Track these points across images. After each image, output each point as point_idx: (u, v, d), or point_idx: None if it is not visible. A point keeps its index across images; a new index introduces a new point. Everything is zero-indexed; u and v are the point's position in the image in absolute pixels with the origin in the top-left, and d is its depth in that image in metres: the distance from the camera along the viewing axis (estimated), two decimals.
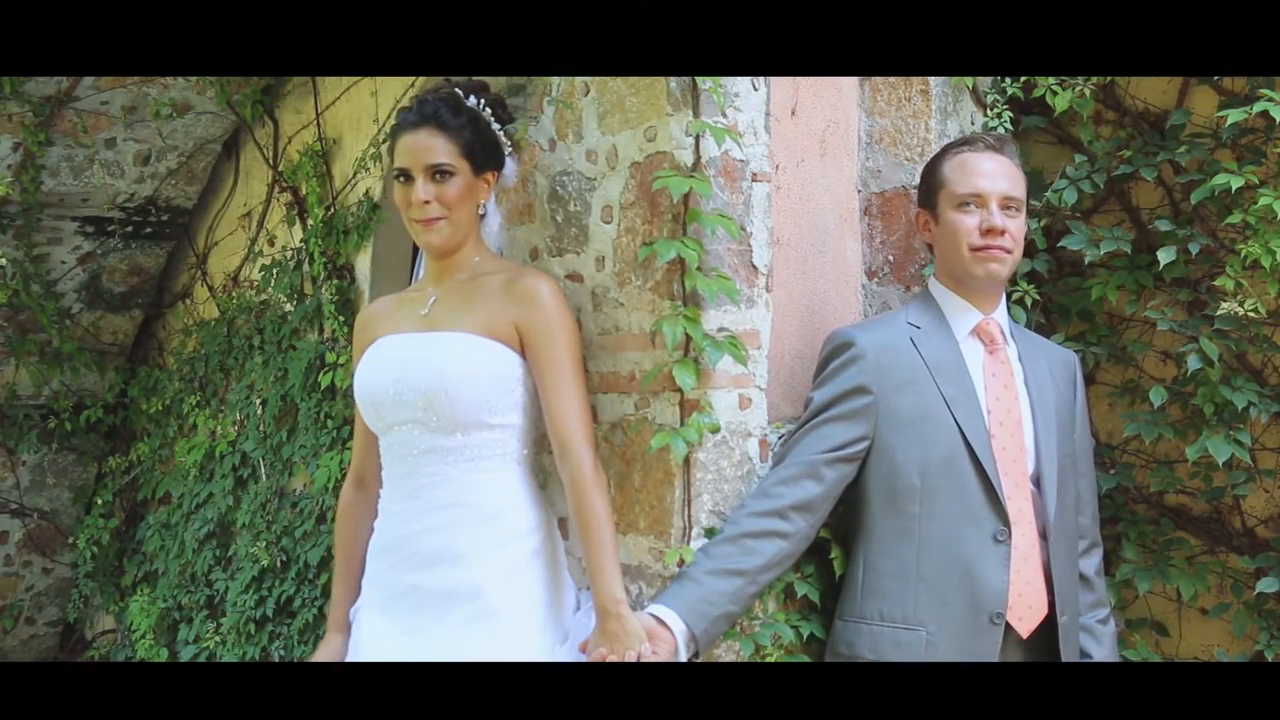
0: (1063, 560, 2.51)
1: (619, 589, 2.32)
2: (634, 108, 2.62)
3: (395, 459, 2.51)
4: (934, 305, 2.60)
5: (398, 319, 2.57)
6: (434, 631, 2.40)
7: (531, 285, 2.48)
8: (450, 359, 2.44)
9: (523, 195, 2.91)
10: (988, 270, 2.52)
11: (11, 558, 6.04)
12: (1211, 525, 3.00)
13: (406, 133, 2.48)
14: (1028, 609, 2.44)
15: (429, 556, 2.44)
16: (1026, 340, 2.65)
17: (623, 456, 2.65)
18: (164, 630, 5.11)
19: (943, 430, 2.47)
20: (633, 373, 2.64)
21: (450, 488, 2.45)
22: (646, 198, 2.60)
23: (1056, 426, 2.55)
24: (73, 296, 5.63)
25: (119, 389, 5.90)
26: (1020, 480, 2.48)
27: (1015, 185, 2.55)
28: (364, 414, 2.56)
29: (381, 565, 2.53)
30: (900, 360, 2.51)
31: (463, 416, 2.43)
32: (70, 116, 4.96)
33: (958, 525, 2.45)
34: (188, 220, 5.62)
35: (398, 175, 2.49)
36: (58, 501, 6.07)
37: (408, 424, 2.46)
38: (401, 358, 2.48)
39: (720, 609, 2.39)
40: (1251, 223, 2.69)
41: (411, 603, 2.45)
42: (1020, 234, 2.56)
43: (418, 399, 2.43)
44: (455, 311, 2.50)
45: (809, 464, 2.48)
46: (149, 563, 5.43)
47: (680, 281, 2.54)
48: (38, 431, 5.85)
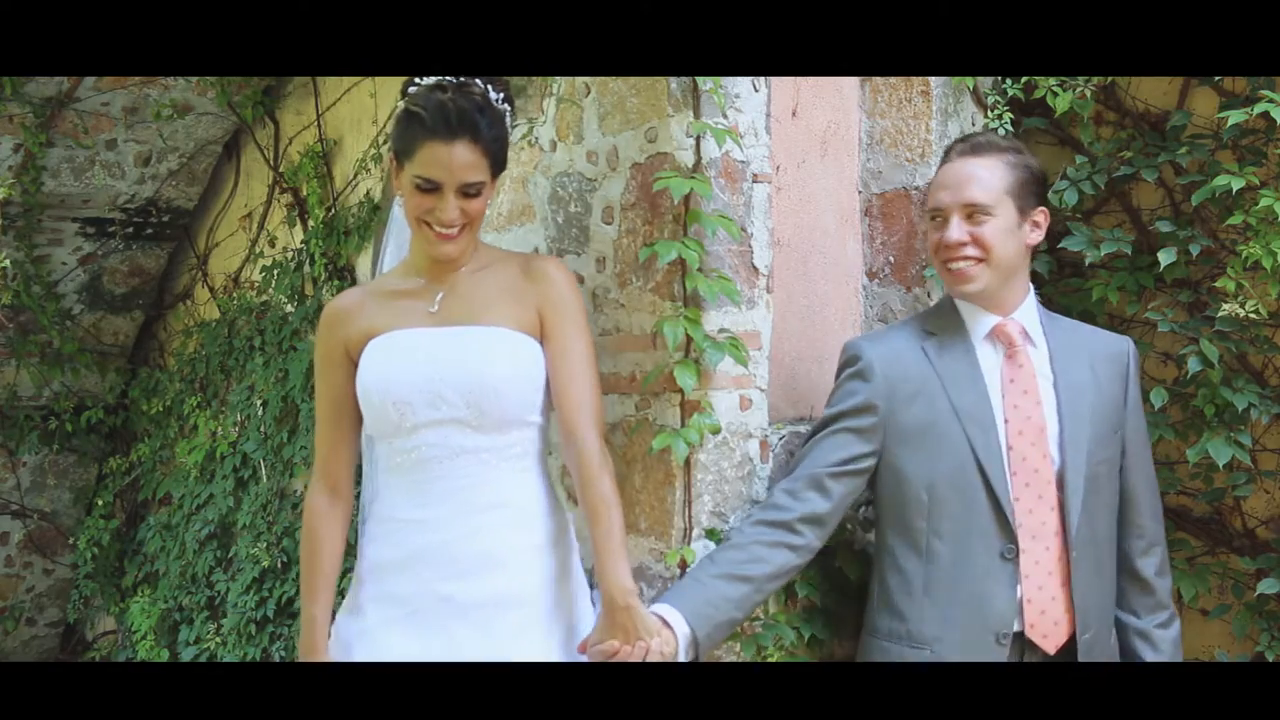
0: (1087, 573, 2.40)
1: (629, 578, 2.22)
2: (635, 108, 2.62)
3: (418, 462, 2.32)
4: (952, 310, 2.51)
5: (394, 315, 2.38)
6: (479, 646, 2.26)
7: (547, 267, 2.39)
8: (498, 355, 2.31)
9: (523, 195, 2.91)
10: (957, 285, 2.44)
11: (12, 559, 6.04)
12: (1212, 526, 3.00)
13: (438, 142, 2.25)
14: (1052, 626, 2.38)
15: (469, 564, 2.29)
16: (1065, 335, 2.52)
17: (623, 457, 2.65)
18: (165, 631, 5.11)
19: (951, 443, 2.41)
20: (633, 374, 2.64)
21: (489, 489, 2.32)
22: (647, 199, 2.60)
23: (1090, 429, 2.42)
24: (73, 297, 5.63)
25: (120, 390, 5.90)
26: (1045, 490, 2.39)
27: (985, 189, 2.41)
28: (378, 415, 2.34)
29: (401, 579, 2.33)
30: (910, 371, 2.45)
31: (510, 414, 2.31)
32: (71, 117, 4.97)
33: (966, 541, 2.39)
34: (188, 221, 5.62)
35: (422, 184, 2.27)
36: (58, 502, 6.07)
37: (443, 424, 2.30)
38: (433, 355, 2.31)
39: (725, 614, 2.35)
40: (1252, 224, 2.69)
41: (445, 616, 2.28)
42: (996, 235, 2.41)
43: (460, 397, 2.28)
44: (476, 306, 2.36)
45: (814, 477, 2.44)
46: (150, 564, 5.43)
47: (681, 282, 2.54)
48: (38, 432, 5.85)
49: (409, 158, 2.28)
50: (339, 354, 2.40)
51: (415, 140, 2.27)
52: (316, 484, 2.44)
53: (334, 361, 2.41)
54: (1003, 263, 2.43)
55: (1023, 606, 2.37)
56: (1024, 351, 2.46)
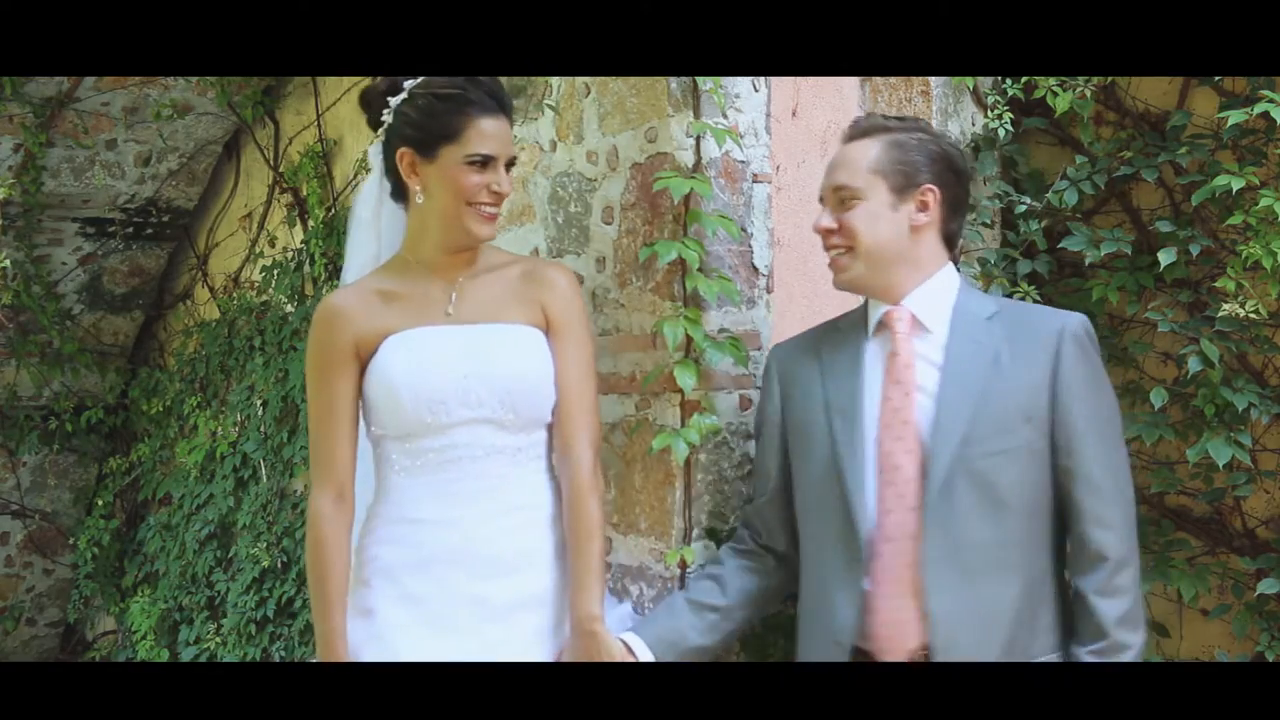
0: (951, 584, 2.12)
1: (598, 605, 2.23)
2: (635, 109, 2.63)
3: (446, 462, 2.28)
4: (864, 301, 2.37)
5: (408, 314, 2.32)
6: (509, 648, 2.24)
7: (556, 275, 2.37)
8: (529, 352, 2.30)
9: (523, 196, 2.91)
10: (834, 276, 2.32)
11: (12, 559, 6.04)
12: (1212, 526, 2.99)
13: (488, 116, 2.27)
14: (899, 638, 2.16)
15: (502, 564, 2.26)
16: (976, 321, 2.24)
17: (623, 457, 2.65)
18: (165, 631, 5.11)
19: (820, 440, 2.26)
20: (633, 374, 2.64)
21: (519, 489, 2.30)
22: (647, 199, 2.60)
23: (970, 416, 2.14)
24: (73, 297, 5.63)
25: (120, 390, 5.90)
26: (906, 489, 2.15)
27: (849, 171, 2.25)
28: (406, 414, 2.27)
29: (419, 580, 2.27)
30: (803, 370, 2.35)
31: (538, 413, 2.31)
32: (71, 117, 4.97)
33: (825, 545, 2.25)
34: (188, 221, 5.62)
35: (475, 159, 2.25)
36: (58, 502, 6.07)
37: (476, 423, 2.27)
38: (467, 352, 2.27)
39: (690, 642, 2.32)
40: (1252, 224, 2.69)
41: (477, 617, 2.25)
42: (862, 221, 2.23)
43: (493, 395, 2.26)
44: (491, 306, 2.33)
45: (763, 489, 2.42)
46: (150, 564, 5.44)
47: (681, 282, 2.55)
48: (38, 432, 5.85)
49: (454, 139, 2.26)
50: (346, 354, 2.32)
51: (460, 119, 2.26)
52: (322, 488, 2.32)
53: (339, 361, 2.32)
54: (873, 250, 2.24)
55: (865, 616, 2.18)
56: (904, 340, 2.23)
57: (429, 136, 2.27)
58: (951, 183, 2.28)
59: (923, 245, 2.27)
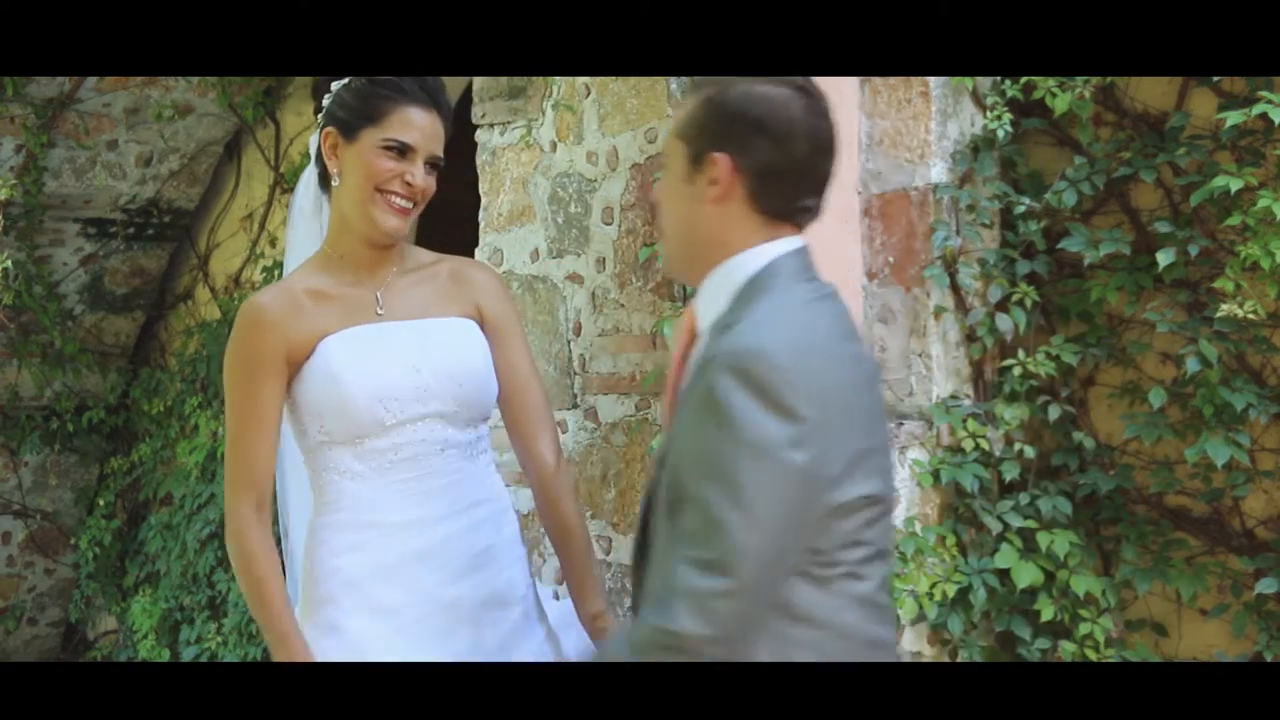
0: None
1: (601, 602, 2.23)
2: (634, 109, 2.63)
3: (400, 461, 2.20)
4: None
5: (340, 314, 2.22)
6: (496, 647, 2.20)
7: (484, 275, 2.34)
8: (472, 343, 2.24)
9: (523, 196, 2.92)
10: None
11: (14, 558, 6.05)
12: (1211, 526, 3.00)
13: (415, 106, 2.18)
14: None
15: (470, 562, 2.21)
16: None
17: (623, 457, 2.66)
18: (166, 631, 5.12)
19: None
20: (633, 374, 2.64)
21: (473, 484, 2.24)
22: (647, 199, 2.60)
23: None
24: (75, 298, 5.64)
25: (121, 390, 5.91)
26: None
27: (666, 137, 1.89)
28: (358, 414, 2.17)
29: (389, 588, 2.20)
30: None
31: (485, 406, 2.26)
32: (72, 118, 4.98)
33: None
34: (189, 222, 5.63)
35: (391, 144, 2.16)
36: (60, 502, 6.08)
37: (431, 419, 2.19)
38: (409, 345, 2.20)
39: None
40: (1251, 224, 2.69)
41: (454, 620, 2.19)
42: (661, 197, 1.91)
43: (448, 389, 2.19)
44: (422, 302, 2.26)
45: None
46: (151, 563, 5.44)
47: (680, 282, 2.55)
48: (40, 432, 5.86)
49: (375, 122, 2.18)
50: (276, 357, 2.18)
51: (387, 103, 2.18)
52: (242, 497, 2.22)
53: (266, 366, 2.18)
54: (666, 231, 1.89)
55: None
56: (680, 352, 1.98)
57: (354, 117, 2.20)
58: (759, 147, 1.80)
59: (731, 226, 1.82)
